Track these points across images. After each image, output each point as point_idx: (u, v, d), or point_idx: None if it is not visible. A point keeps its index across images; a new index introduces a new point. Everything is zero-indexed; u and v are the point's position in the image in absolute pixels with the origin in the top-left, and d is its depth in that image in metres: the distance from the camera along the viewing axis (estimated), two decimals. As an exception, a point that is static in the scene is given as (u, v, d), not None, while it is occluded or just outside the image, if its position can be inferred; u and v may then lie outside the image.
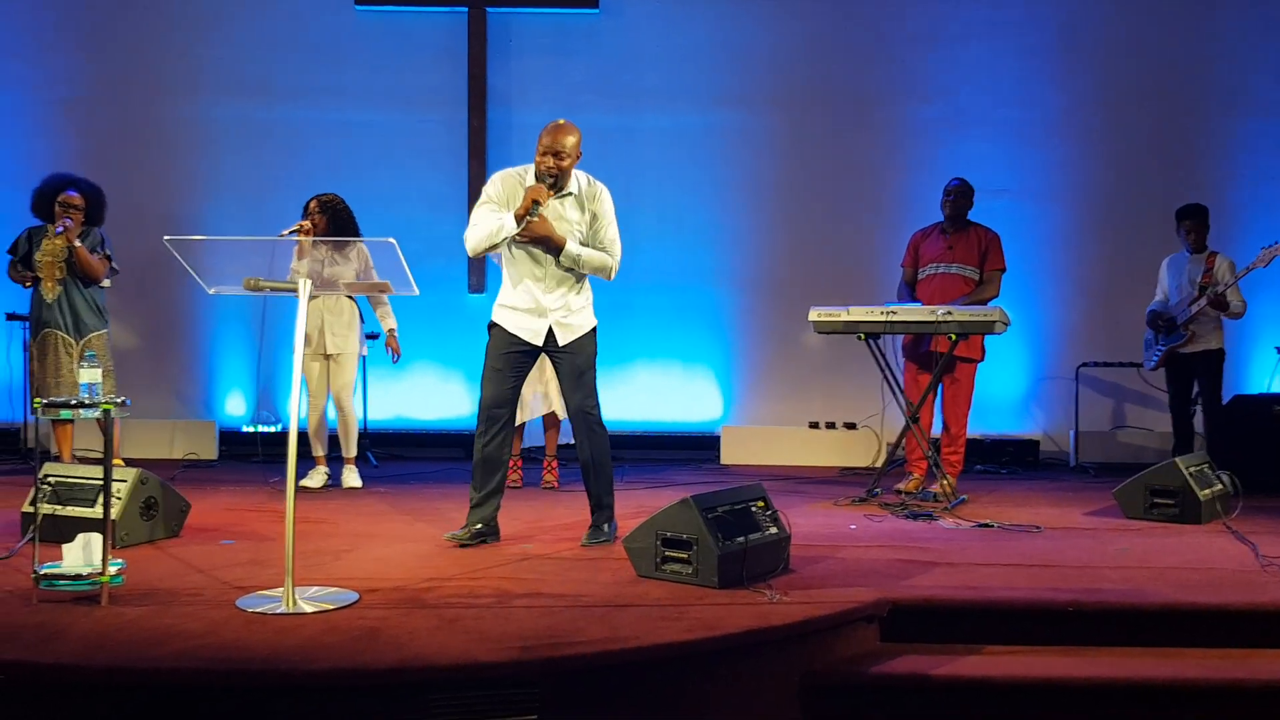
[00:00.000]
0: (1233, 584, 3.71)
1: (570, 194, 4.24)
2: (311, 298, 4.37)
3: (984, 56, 7.81)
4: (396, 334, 6.06)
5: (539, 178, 4.16)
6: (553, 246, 4.18)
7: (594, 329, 4.38)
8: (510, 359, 4.27)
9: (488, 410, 4.26)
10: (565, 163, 4.13)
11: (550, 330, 4.27)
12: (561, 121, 4.17)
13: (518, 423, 5.94)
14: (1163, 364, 6.49)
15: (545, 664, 2.78)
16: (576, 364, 4.30)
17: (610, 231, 4.31)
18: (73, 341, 5.81)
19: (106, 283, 5.97)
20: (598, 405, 4.34)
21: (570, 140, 4.13)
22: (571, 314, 4.30)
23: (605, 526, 4.36)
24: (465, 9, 7.77)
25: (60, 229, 5.70)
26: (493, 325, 4.33)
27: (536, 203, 4.07)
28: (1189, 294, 6.32)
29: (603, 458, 4.33)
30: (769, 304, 7.83)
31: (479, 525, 4.28)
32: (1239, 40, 7.76)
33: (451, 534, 4.30)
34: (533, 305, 4.26)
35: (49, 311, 5.81)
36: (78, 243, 5.75)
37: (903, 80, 7.84)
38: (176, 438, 7.41)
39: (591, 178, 4.33)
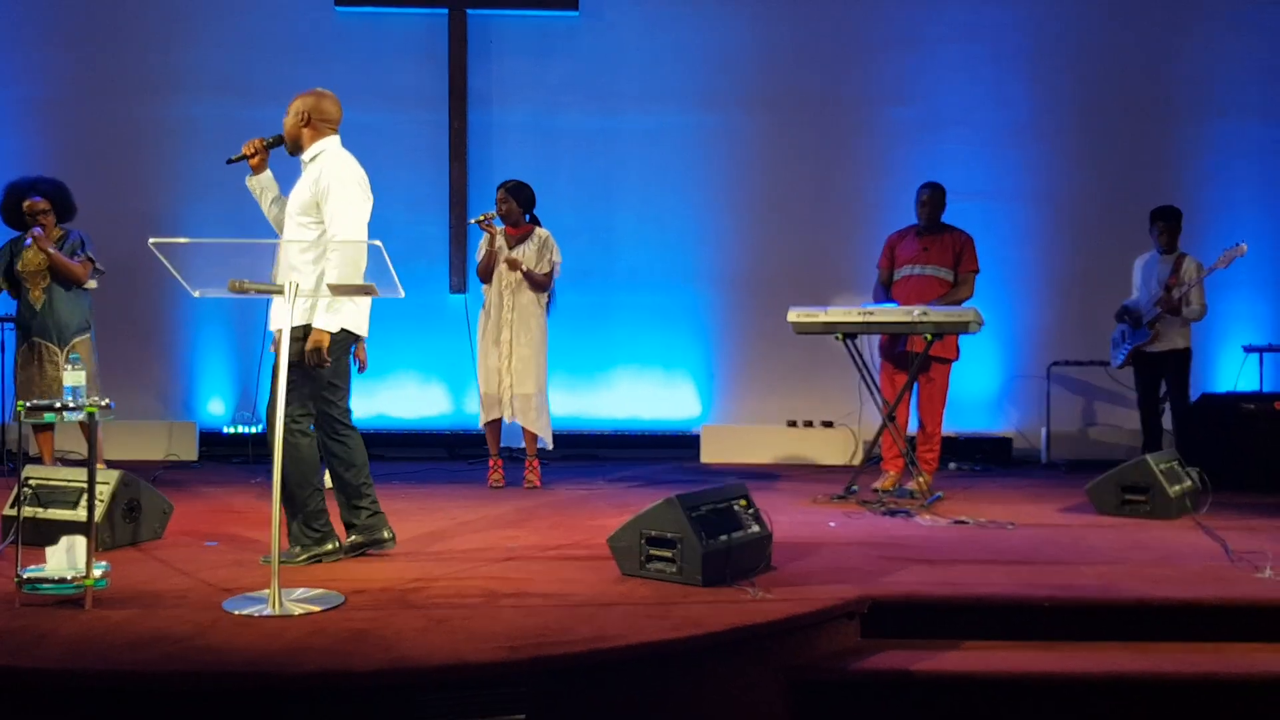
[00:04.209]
0: (1204, 579, 3.78)
1: (306, 162, 4.04)
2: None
3: (960, 60, 7.89)
4: (364, 343, 6.01)
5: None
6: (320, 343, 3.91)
7: (301, 328, 3.89)
8: None
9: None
10: (286, 118, 4.04)
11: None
12: None
13: (492, 418, 5.94)
14: (1129, 363, 6.59)
15: (533, 663, 2.80)
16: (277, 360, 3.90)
17: (329, 205, 3.89)
18: (57, 349, 5.74)
19: (92, 284, 5.89)
20: (300, 415, 3.96)
21: (292, 104, 4.04)
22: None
23: (291, 547, 3.99)
24: (445, 10, 7.77)
25: (29, 240, 5.68)
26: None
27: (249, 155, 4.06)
28: (1156, 294, 6.42)
29: (283, 471, 3.63)
30: (748, 304, 7.88)
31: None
32: (1209, 45, 7.88)
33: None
34: None
35: (36, 320, 5.75)
36: (52, 249, 5.70)
37: (880, 83, 7.91)
38: (157, 439, 7.37)
39: (336, 160, 3.98)
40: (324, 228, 3.93)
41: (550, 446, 6.12)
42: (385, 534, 4.21)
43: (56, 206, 5.79)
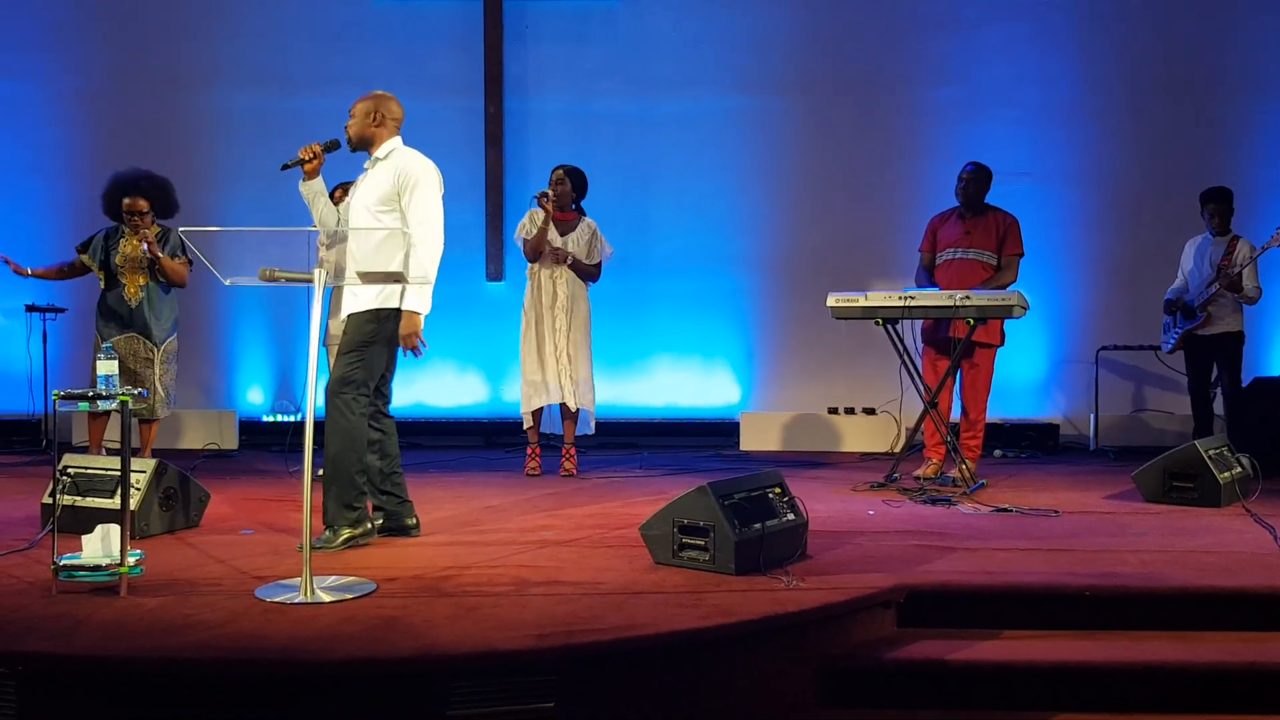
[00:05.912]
0: (1251, 568, 3.69)
1: (379, 159, 4.19)
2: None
3: (1002, 39, 7.75)
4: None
5: None
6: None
7: (373, 312, 4.11)
8: None
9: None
10: (349, 122, 4.20)
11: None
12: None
13: (536, 406, 5.95)
14: (1180, 347, 6.45)
15: (563, 651, 2.79)
16: (342, 342, 4.16)
17: (416, 199, 4.07)
18: (154, 347, 5.69)
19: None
20: (346, 392, 4.02)
21: (357, 106, 4.21)
22: (355, 294, 4.17)
23: (326, 531, 4.01)
24: (481, -5, 7.76)
25: (145, 246, 5.57)
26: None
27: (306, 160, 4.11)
28: (1208, 276, 6.27)
29: (331, 452, 4.01)
30: (787, 289, 7.81)
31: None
32: (1260, 22, 7.67)
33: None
34: None
35: (132, 316, 5.65)
36: (163, 254, 5.63)
37: (921, 63, 7.79)
38: (197, 428, 7.46)
39: (413, 156, 4.17)
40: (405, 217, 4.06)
41: (592, 430, 6.13)
42: (410, 521, 4.28)
43: (156, 206, 5.71)
